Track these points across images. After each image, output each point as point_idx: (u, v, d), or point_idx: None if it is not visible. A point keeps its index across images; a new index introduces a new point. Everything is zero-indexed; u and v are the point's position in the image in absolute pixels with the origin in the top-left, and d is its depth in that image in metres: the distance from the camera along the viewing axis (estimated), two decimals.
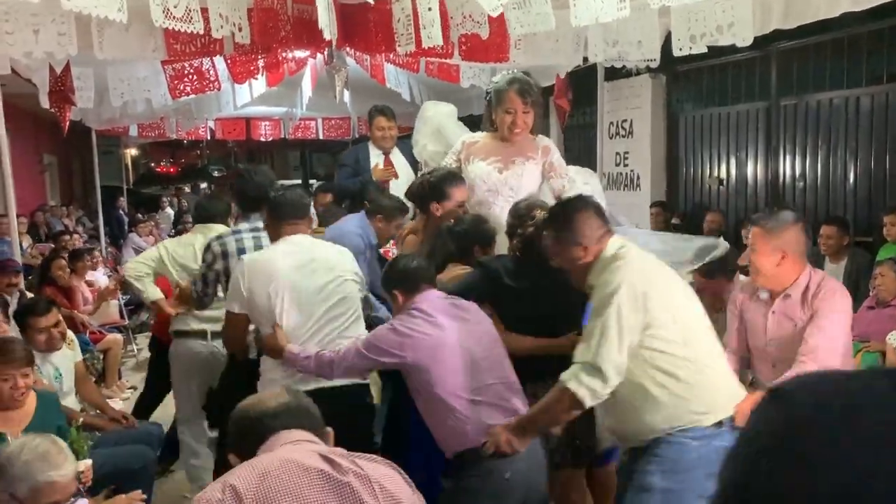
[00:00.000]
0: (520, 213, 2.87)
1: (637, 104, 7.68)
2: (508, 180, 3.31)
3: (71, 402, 3.61)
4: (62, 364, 3.67)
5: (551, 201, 3.22)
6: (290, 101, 9.43)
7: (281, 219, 2.91)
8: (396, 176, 5.03)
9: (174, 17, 3.63)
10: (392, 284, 2.61)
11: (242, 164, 18.63)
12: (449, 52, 5.18)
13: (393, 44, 4.13)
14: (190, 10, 3.67)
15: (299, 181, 23.53)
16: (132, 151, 22.80)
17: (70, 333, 3.94)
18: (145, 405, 4.74)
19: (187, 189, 18.59)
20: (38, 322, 3.57)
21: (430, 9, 3.46)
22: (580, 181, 3.32)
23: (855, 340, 4.37)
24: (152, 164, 27.84)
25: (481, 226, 3.00)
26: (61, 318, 3.84)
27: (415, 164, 4.85)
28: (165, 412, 4.66)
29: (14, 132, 10.48)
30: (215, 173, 25.70)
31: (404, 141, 5.18)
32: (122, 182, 14.70)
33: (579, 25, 4.38)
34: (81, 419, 3.40)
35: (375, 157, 5.12)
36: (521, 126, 3.29)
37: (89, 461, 2.87)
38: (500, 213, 3.21)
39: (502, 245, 3.05)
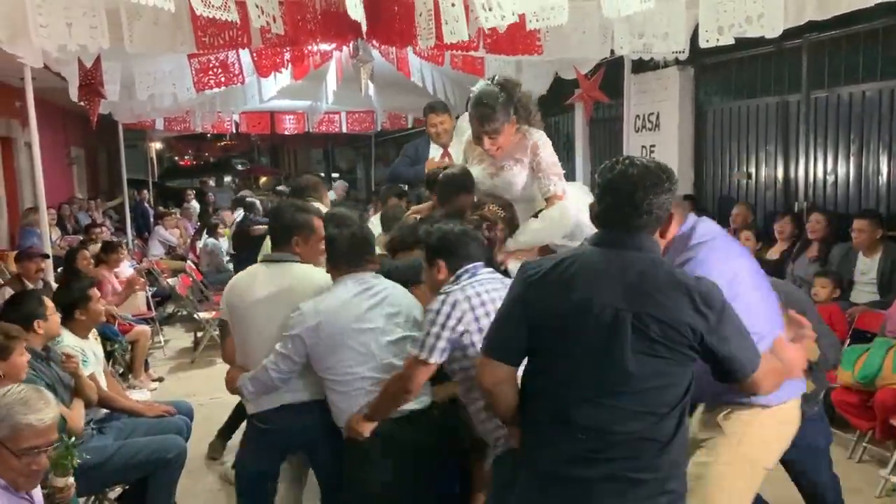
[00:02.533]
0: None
1: (664, 97, 7.59)
2: (498, 186, 3.30)
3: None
4: (90, 354, 3.71)
5: (540, 200, 3.24)
6: (314, 95, 9.47)
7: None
8: (445, 167, 5.12)
9: (212, 6, 3.65)
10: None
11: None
12: (475, 44, 5.19)
13: (415, 37, 4.12)
14: (227, 1, 3.70)
15: (322, 175, 23.67)
16: (157, 145, 23.04)
17: (94, 331, 3.98)
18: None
19: (212, 182, 18.72)
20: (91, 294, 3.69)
21: (453, 4, 3.43)
22: (573, 196, 3.20)
23: (888, 336, 4.31)
24: (176, 158, 28.11)
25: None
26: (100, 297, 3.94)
27: None
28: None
29: (43, 126, 10.65)
30: (239, 167, 25.89)
31: None
32: (147, 175, 14.88)
33: (604, 18, 4.37)
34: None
35: (434, 151, 5.19)
36: (491, 148, 3.24)
37: (71, 479, 2.85)
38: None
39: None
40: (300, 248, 2.95)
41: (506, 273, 2.88)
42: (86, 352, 3.66)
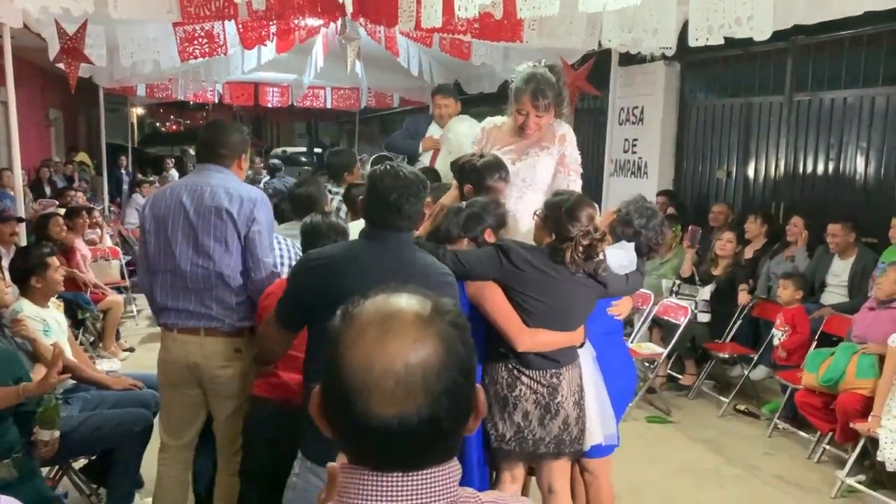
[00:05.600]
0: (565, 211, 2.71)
1: (650, 91, 7.60)
2: (521, 172, 3.22)
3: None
4: (51, 322, 3.66)
5: None
6: (300, 69, 9.37)
7: None
8: (433, 147, 5.20)
9: None
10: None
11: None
12: (462, 28, 5.17)
13: (397, 18, 4.10)
14: None
15: (304, 149, 23.52)
16: (138, 110, 22.71)
17: (55, 300, 3.91)
18: None
19: (192, 151, 18.49)
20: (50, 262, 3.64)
21: None
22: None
23: (853, 342, 4.40)
24: (157, 124, 27.73)
25: (495, 209, 2.93)
26: (60, 267, 3.86)
27: None
28: None
29: (21, 86, 10.43)
30: None
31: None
32: (126, 141, 14.66)
33: (587, 11, 4.37)
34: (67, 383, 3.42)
35: (433, 130, 5.27)
36: (533, 128, 3.16)
37: (57, 433, 2.86)
38: (514, 206, 3.16)
39: (513, 236, 3.00)
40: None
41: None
42: (47, 321, 3.60)
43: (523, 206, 3.21)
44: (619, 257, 2.86)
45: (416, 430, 0.88)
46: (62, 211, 6.82)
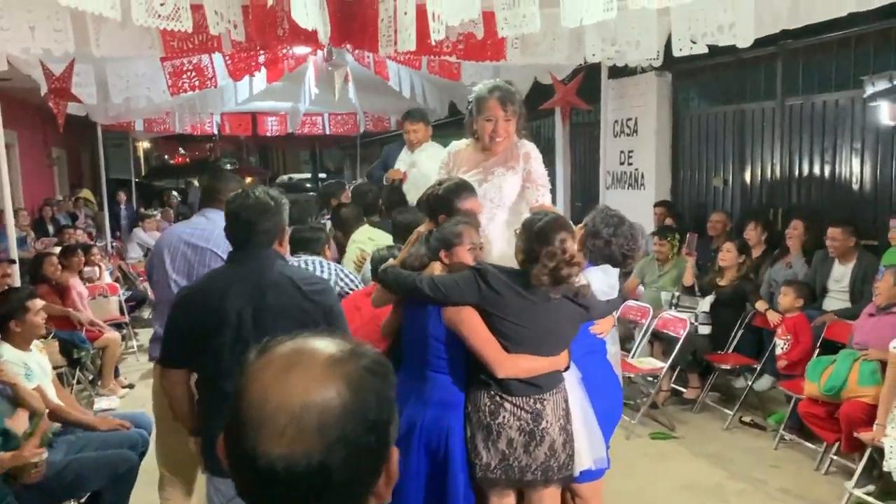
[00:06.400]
0: (536, 234, 2.66)
1: (642, 102, 7.56)
2: (488, 192, 3.21)
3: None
4: (34, 366, 3.63)
5: (527, 213, 3.16)
6: (295, 97, 9.40)
7: None
8: (402, 178, 5.29)
9: (159, 16, 3.58)
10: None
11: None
12: (445, 50, 5.16)
13: (377, 43, 4.10)
14: (178, 9, 3.63)
15: (309, 175, 23.64)
16: (144, 144, 22.90)
17: (39, 343, 3.89)
18: None
19: (196, 183, 18.60)
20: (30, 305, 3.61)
21: (405, 13, 3.40)
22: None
23: (855, 348, 4.29)
24: (166, 157, 27.93)
25: (456, 226, 2.86)
26: (42, 310, 3.83)
27: None
28: None
29: (23, 126, 10.56)
30: (227, 166, 25.75)
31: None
32: (130, 175, 14.72)
33: (566, 27, 4.37)
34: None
35: (403, 156, 5.43)
36: (503, 134, 3.18)
37: (45, 454, 2.84)
38: (485, 226, 3.13)
39: (487, 259, 2.94)
40: None
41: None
42: (28, 364, 3.58)
43: (494, 227, 3.18)
44: (601, 282, 2.80)
45: (302, 478, 0.82)
46: (57, 250, 6.82)
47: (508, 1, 3.56)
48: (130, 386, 6.33)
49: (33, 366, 3.61)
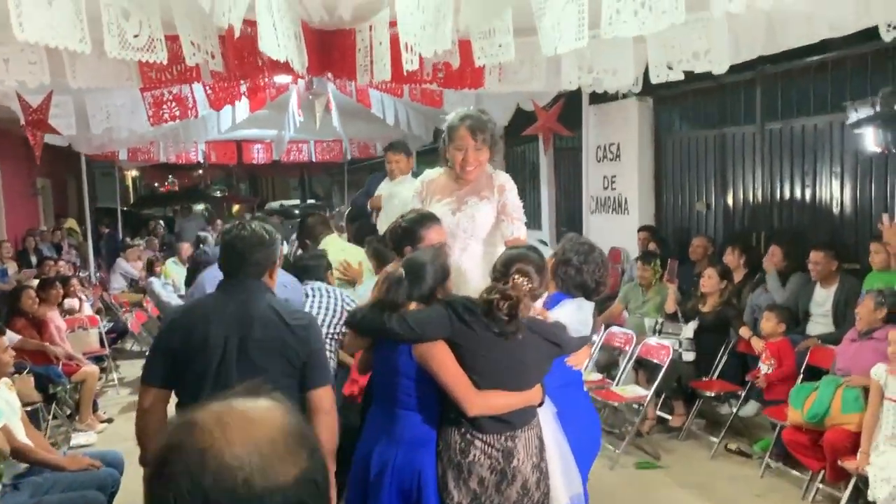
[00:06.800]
0: (498, 268, 2.69)
1: (624, 127, 7.58)
2: (461, 222, 3.18)
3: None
4: (1, 404, 3.55)
5: (502, 246, 3.12)
6: (279, 124, 9.40)
7: None
8: (378, 207, 5.36)
9: (133, 48, 3.54)
10: None
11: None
12: (425, 78, 5.16)
13: (355, 73, 4.09)
14: (153, 40, 3.60)
15: (298, 201, 23.62)
16: (133, 172, 22.80)
17: (7, 380, 3.80)
18: None
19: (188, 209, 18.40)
20: None
21: (380, 43, 3.40)
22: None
23: (837, 374, 4.26)
24: (156, 184, 27.81)
25: (434, 259, 2.83)
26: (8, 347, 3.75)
27: None
28: None
29: (6, 157, 10.51)
30: (217, 193, 25.69)
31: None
32: (116, 203, 14.64)
33: (544, 56, 4.37)
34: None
35: (384, 185, 5.47)
36: (473, 163, 3.17)
37: None
38: (458, 257, 3.09)
39: (463, 291, 2.90)
40: None
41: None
42: None
43: (468, 258, 3.14)
44: (572, 317, 2.76)
45: None
46: (36, 282, 6.74)
47: (484, 31, 3.57)
48: (109, 420, 6.21)
49: (1, 404, 3.53)
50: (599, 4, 3.06)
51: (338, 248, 4.59)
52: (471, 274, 3.16)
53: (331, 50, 4.75)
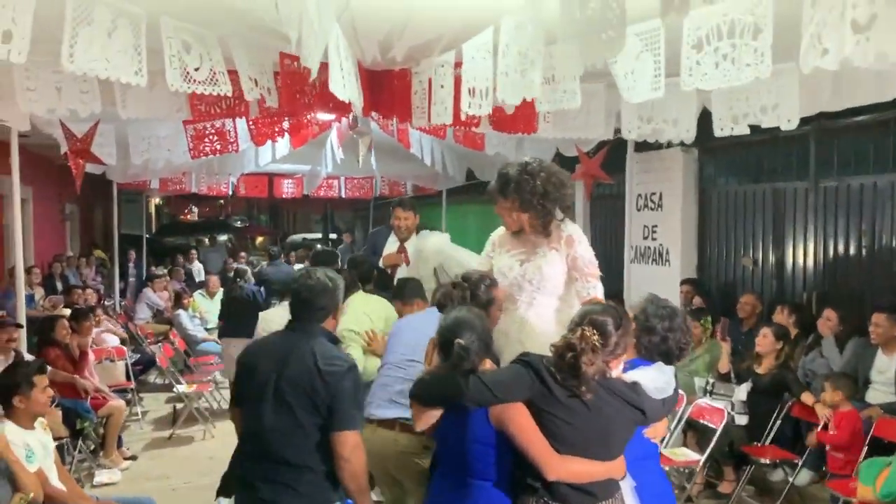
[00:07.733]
0: (573, 320, 2.53)
1: (667, 177, 7.44)
2: (528, 273, 3.05)
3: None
4: (36, 446, 3.38)
5: (577, 304, 2.96)
6: (314, 160, 9.34)
7: None
8: (407, 262, 5.25)
9: (195, 81, 3.48)
10: None
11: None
12: (477, 122, 5.05)
13: (410, 115, 4.01)
14: (215, 73, 3.54)
15: (320, 235, 23.61)
16: (156, 200, 22.92)
17: (42, 420, 3.64)
18: None
19: (206, 241, 18.40)
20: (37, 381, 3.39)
21: (442, 86, 3.31)
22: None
23: None
24: (182, 214, 27.92)
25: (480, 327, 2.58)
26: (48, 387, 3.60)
27: None
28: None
29: (38, 182, 10.51)
30: (238, 224, 25.75)
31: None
32: (142, 231, 14.61)
33: (610, 100, 4.27)
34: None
35: (392, 243, 5.44)
36: (511, 224, 3.13)
37: None
38: (524, 312, 2.93)
39: (528, 347, 2.75)
40: None
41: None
42: (31, 445, 3.33)
43: (534, 312, 2.99)
44: (656, 380, 2.57)
45: None
46: (68, 312, 6.61)
47: (548, 76, 3.46)
48: (133, 458, 6.03)
49: (35, 446, 3.36)
50: (675, 53, 2.95)
51: (360, 309, 4.20)
52: (540, 329, 3.00)
53: (381, 90, 4.67)
